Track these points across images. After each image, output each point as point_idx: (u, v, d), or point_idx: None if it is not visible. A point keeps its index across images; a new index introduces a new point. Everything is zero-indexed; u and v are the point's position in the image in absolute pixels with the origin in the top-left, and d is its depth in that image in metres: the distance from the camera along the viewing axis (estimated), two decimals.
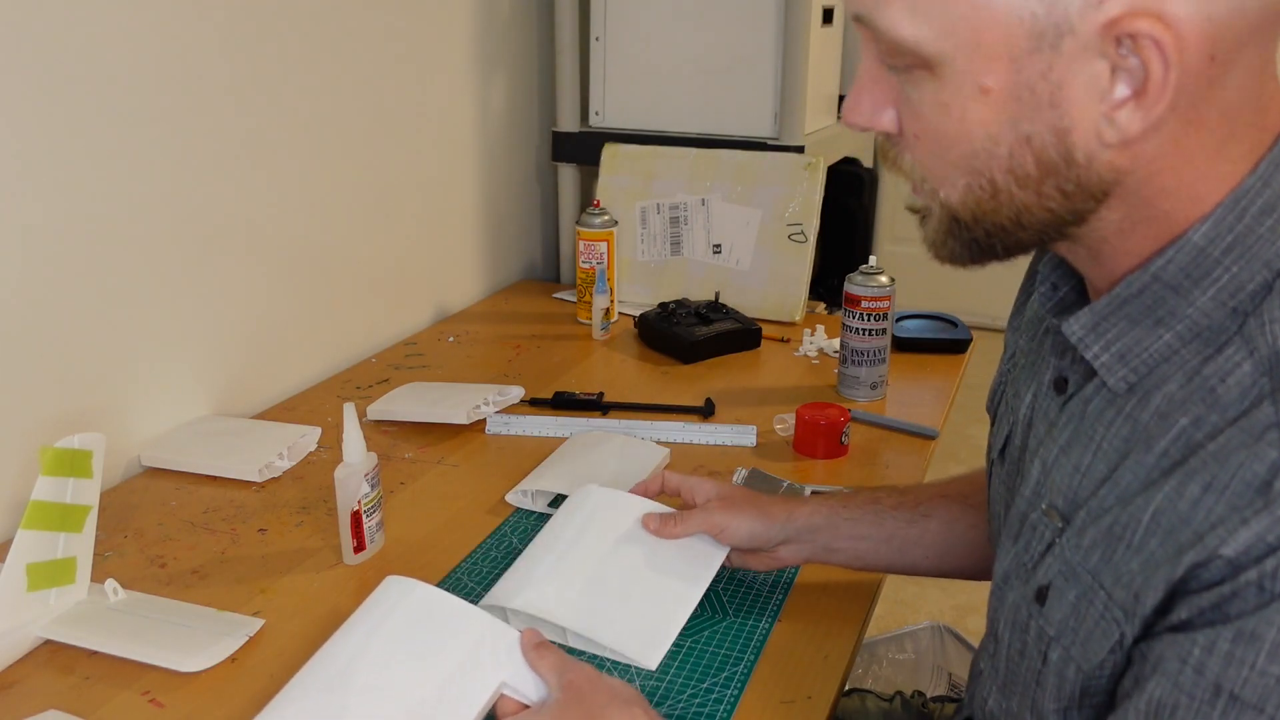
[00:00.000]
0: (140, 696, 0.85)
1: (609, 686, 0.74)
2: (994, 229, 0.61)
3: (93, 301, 1.19)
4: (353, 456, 1.01)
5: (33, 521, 0.90)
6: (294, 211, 1.47)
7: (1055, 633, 0.62)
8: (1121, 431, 0.60)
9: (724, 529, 0.94)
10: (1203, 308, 0.57)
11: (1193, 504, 0.54)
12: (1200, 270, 0.57)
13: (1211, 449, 0.54)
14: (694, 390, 1.46)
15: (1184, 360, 0.58)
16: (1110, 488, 0.60)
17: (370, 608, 0.82)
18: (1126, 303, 0.60)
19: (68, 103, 1.12)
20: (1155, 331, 0.58)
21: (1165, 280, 0.58)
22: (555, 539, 0.99)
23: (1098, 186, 0.57)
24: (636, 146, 1.85)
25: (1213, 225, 0.56)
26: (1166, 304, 0.58)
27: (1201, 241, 0.56)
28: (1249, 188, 0.56)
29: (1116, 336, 0.60)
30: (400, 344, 1.68)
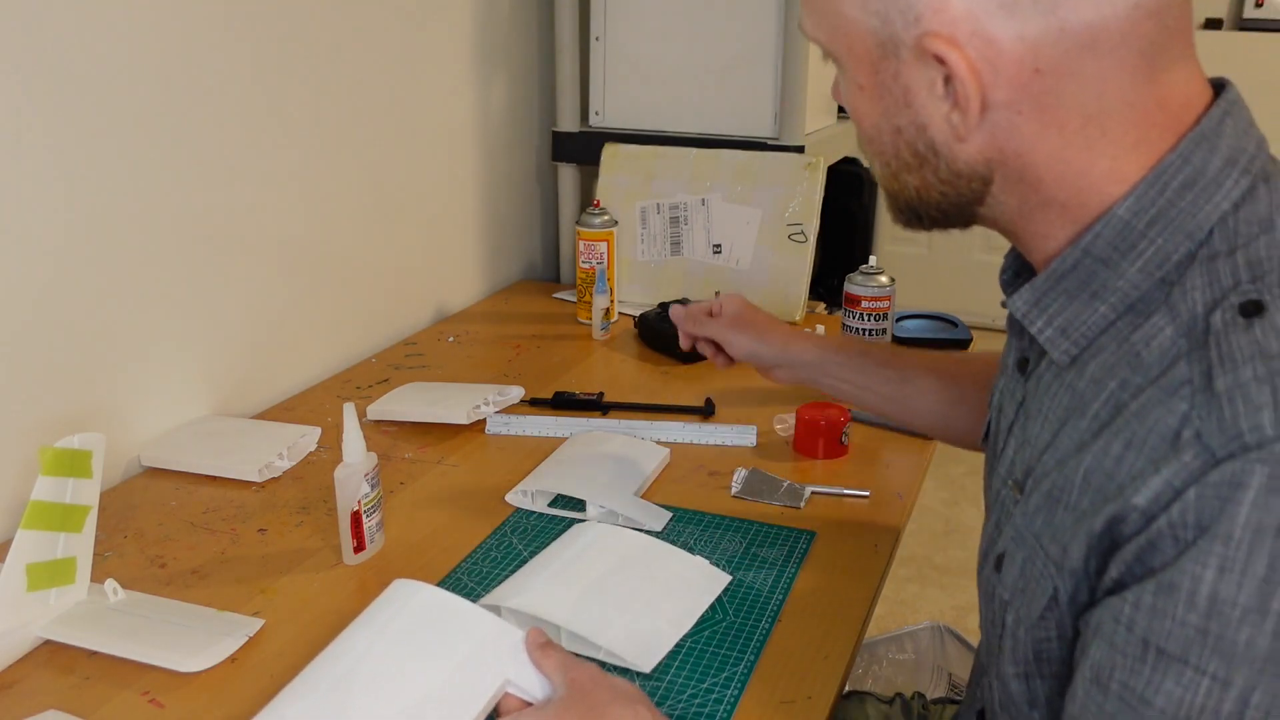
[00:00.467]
0: (140, 696, 0.85)
1: (612, 684, 0.75)
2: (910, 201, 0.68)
3: (93, 301, 1.19)
4: (353, 456, 1.01)
5: (33, 521, 0.90)
6: (294, 212, 1.47)
7: (1009, 596, 0.65)
8: (1063, 400, 0.64)
9: (727, 343, 1.14)
10: (1132, 279, 0.60)
11: (1116, 460, 0.57)
12: (1126, 243, 0.60)
13: (1134, 407, 0.57)
14: (694, 390, 1.46)
15: (1118, 331, 0.61)
16: (1051, 453, 0.63)
17: (377, 608, 0.83)
18: (1063, 278, 0.63)
19: (67, 103, 1.12)
20: (1092, 305, 0.62)
21: (1095, 254, 0.61)
22: (555, 557, 1.00)
23: (972, 173, 0.63)
24: (636, 146, 1.85)
25: (1136, 200, 0.59)
26: (1099, 277, 0.61)
27: (1126, 215, 0.60)
28: (1169, 164, 0.59)
29: (1058, 311, 0.64)
30: (400, 344, 1.68)
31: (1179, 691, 0.53)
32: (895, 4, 0.59)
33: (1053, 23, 0.56)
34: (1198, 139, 0.59)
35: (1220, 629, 0.51)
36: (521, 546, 1.07)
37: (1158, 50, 0.58)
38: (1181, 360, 0.55)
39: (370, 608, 0.83)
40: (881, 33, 0.60)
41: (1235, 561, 0.51)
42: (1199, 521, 0.52)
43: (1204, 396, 0.53)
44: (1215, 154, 0.59)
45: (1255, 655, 0.51)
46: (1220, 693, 0.52)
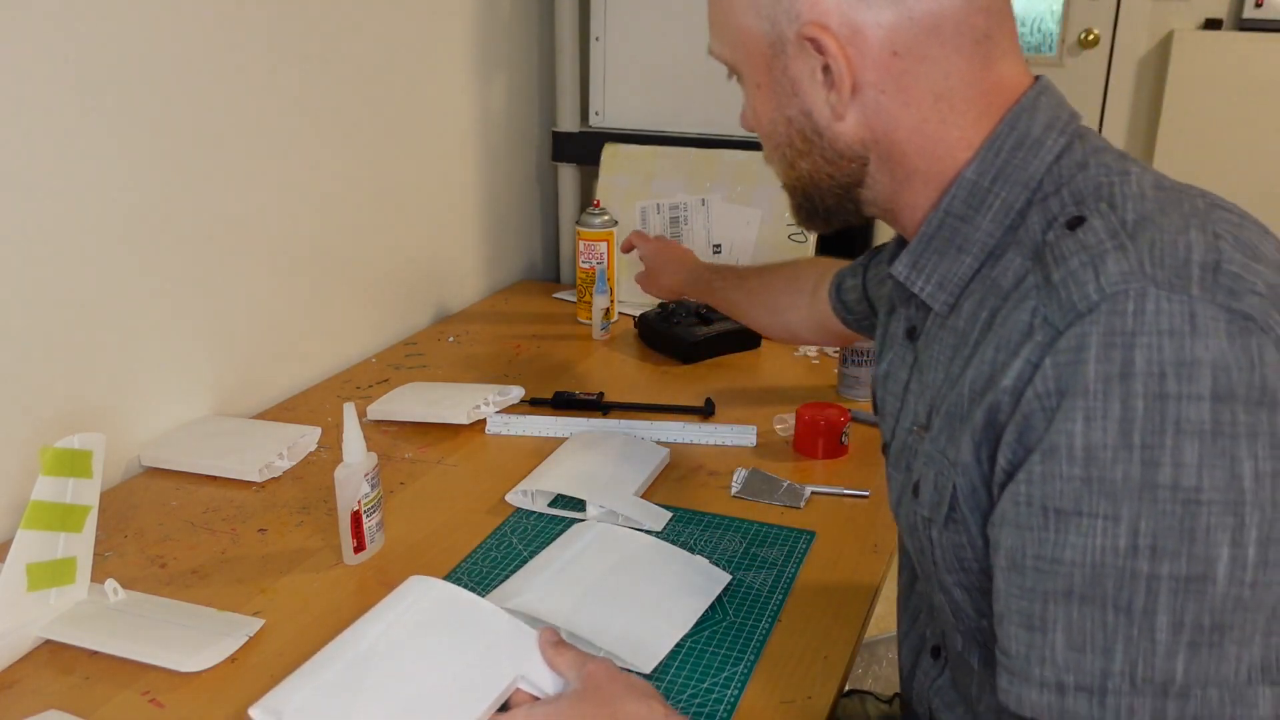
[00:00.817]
0: (140, 696, 0.85)
1: (626, 679, 0.78)
2: (809, 194, 0.78)
3: (93, 301, 1.19)
4: (353, 456, 1.01)
5: (33, 521, 0.90)
6: (294, 212, 1.47)
7: (928, 513, 0.72)
8: (948, 341, 0.73)
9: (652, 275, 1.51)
10: (987, 229, 0.70)
11: (989, 362, 0.66)
12: (977, 199, 0.71)
13: (999, 320, 0.67)
14: (694, 390, 1.46)
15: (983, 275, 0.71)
16: (947, 384, 0.72)
17: (393, 600, 0.85)
18: (932, 239, 0.73)
19: (68, 103, 1.12)
20: (959, 258, 0.72)
21: (954, 213, 0.72)
22: (555, 557, 1.00)
23: (851, 152, 0.73)
24: (636, 146, 1.85)
25: (979, 163, 0.70)
26: (961, 232, 0.72)
27: (973, 176, 0.70)
28: (1001, 132, 0.70)
29: (933, 268, 0.73)
30: (400, 344, 1.68)
31: (1081, 540, 0.59)
32: (779, 6, 0.70)
33: (902, 11, 0.68)
34: (1020, 110, 0.71)
35: (1100, 472, 0.58)
36: (521, 546, 1.07)
37: (990, 41, 0.70)
38: (1029, 274, 0.66)
39: (386, 600, 0.85)
40: (771, 34, 0.72)
41: (1096, 410, 0.58)
42: (1059, 387, 0.60)
43: (1045, 290, 0.63)
44: (1036, 120, 0.70)
45: (1132, 486, 0.57)
46: (1114, 529, 0.58)
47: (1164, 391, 0.57)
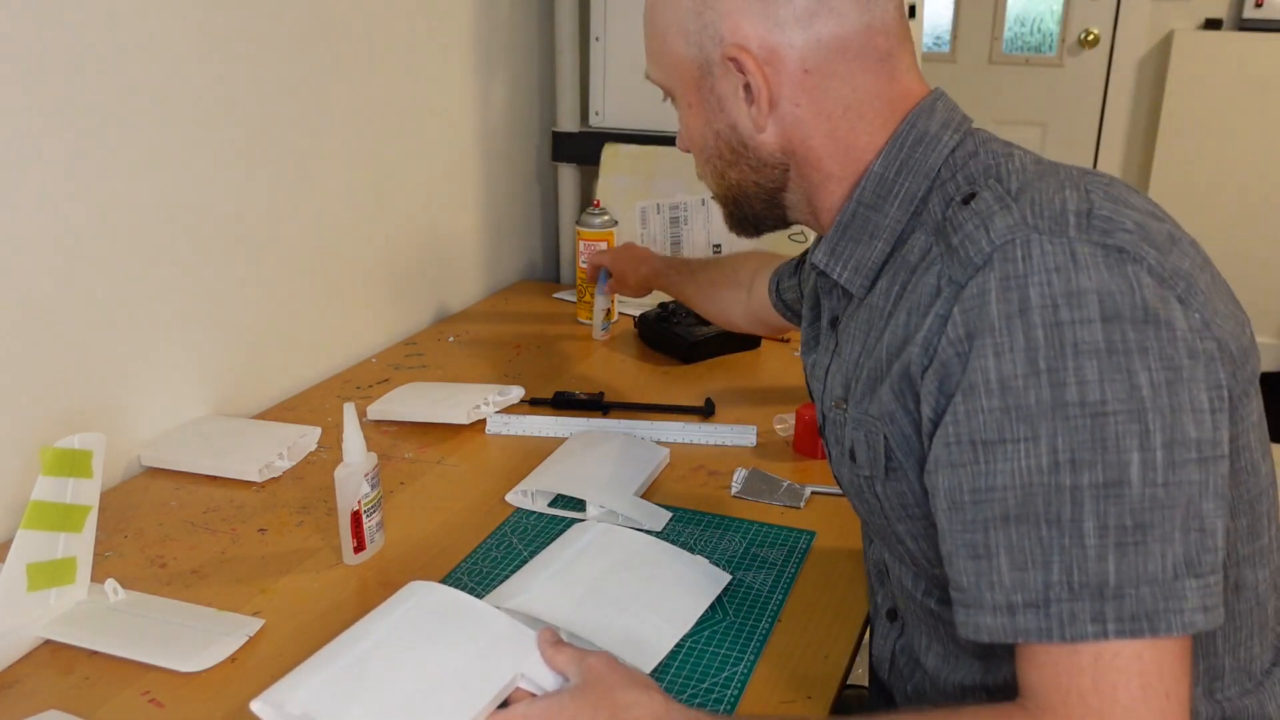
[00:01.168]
0: (140, 696, 0.85)
1: (626, 672, 0.79)
2: (739, 201, 0.86)
3: (93, 302, 1.19)
4: (353, 456, 1.01)
5: (33, 521, 0.90)
6: (294, 211, 1.47)
7: (868, 471, 0.79)
8: (863, 317, 0.81)
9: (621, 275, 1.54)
10: (894, 216, 0.78)
11: (903, 325, 0.73)
12: (884, 189, 0.79)
13: (909, 290, 0.75)
14: (694, 390, 1.46)
15: (894, 259, 0.78)
16: (865, 355, 0.80)
17: (394, 603, 0.86)
18: (847, 228, 0.81)
19: (67, 104, 1.12)
20: (871, 244, 0.80)
21: (865, 203, 0.79)
22: (555, 557, 1.00)
23: (773, 159, 0.81)
24: (636, 146, 1.85)
25: (884, 158, 0.79)
26: (871, 220, 0.79)
27: (880, 169, 0.79)
28: (902, 131, 0.79)
29: (849, 255, 0.81)
30: (400, 344, 1.68)
31: (1008, 465, 0.64)
32: (705, 32, 0.79)
33: (810, 35, 0.76)
34: (918, 113, 0.79)
35: (1015, 400, 0.64)
36: (521, 546, 1.07)
37: (892, 59, 0.79)
38: (932, 248, 0.74)
39: (386, 603, 0.85)
40: (699, 57, 0.80)
41: (1003, 345, 0.64)
42: (967, 331, 0.66)
43: (947, 255, 0.71)
44: (933, 120, 0.79)
45: (1044, 408, 0.63)
46: (1035, 450, 0.63)
47: (1059, 320, 0.63)
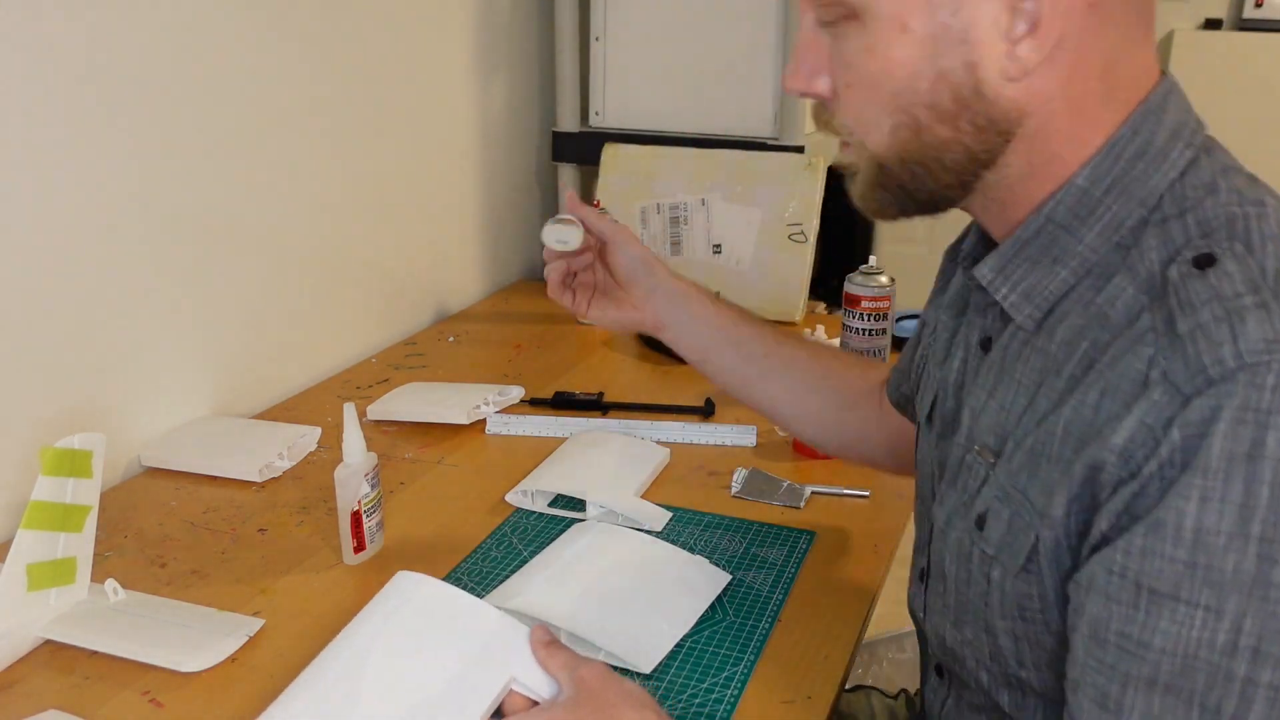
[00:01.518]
0: (140, 696, 0.85)
1: (621, 686, 0.73)
2: (919, 170, 0.67)
3: (93, 301, 1.19)
4: (353, 456, 1.01)
5: (33, 521, 0.90)
6: (294, 211, 1.47)
7: (994, 551, 0.67)
8: (1035, 364, 0.66)
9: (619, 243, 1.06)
10: (1090, 244, 0.64)
11: (1093, 408, 0.60)
12: (1085, 209, 0.64)
13: (1105, 360, 0.60)
14: (694, 390, 1.46)
15: (1081, 295, 0.64)
16: (1031, 414, 0.66)
17: (380, 602, 0.83)
18: (1026, 244, 0.67)
19: (67, 102, 1.12)
20: (1053, 270, 0.65)
21: (1057, 221, 0.65)
22: (555, 558, 1.00)
23: (1004, 122, 0.64)
24: (636, 146, 1.85)
25: (1092, 169, 0.64)
26: (1060, 243, 0.65)
27: (1084, 184, 0.64)
28: (1122, 136, 0.63)
29: (1021, 277, 0.67)
30: (400, 344, 1.68)
31: (1175, 629, 0.54)
32: None
33: None
34: (1145, 113, 0.64)
35: (1207, 559, 0.53)
36: (521, 546, 1.07)
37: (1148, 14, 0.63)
38: (1144, 312, 0.59)
39: (373, 601, 0.83)
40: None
41: (1214, 491, 0.53)
42: (1180, 459, 0.54)
43: (1167, 340, 0.57)
44: (1161, 127, 0.63)
45: (1242, 580, 0.52)
46: (1214, 624, 0.53)
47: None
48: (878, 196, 0.69)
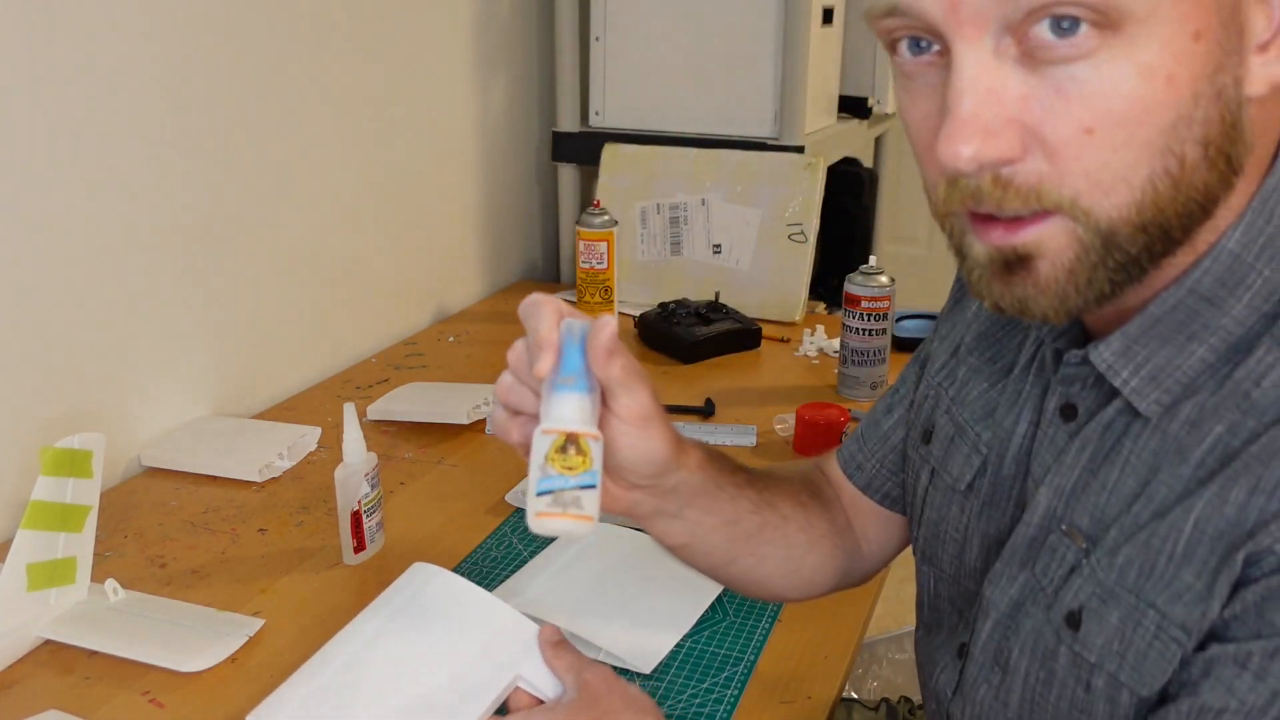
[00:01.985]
0: (140, 696, 0.85)
1: (625, 691, 0.70)
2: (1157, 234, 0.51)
3: (93, 301, 1.19)
4: (353, 456, 1.01)
5: (33, 521, 0.90)
6: (294, 211, 1.47)
7: (1097, 658, 0.58)
8: (1150, 445, 0.56)
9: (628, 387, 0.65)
10: (1238, 316, 0.53)
11: (1239, 507, 0.51)
12: (1235, 278, 0.53)
13: (1254, 451, 0.51)
14: (694, 390, 1.46)
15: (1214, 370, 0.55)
16: (1144, 503, 0.56)
17: (395, 591, 0.83)
18: (1159, 321, 0.55)
19: (67, 103, 1.12)
20: (1188, 348, 0.55)
21: (1200, 293, 0.54)
22: (555, 558, 1.00)
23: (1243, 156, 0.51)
24: (636, 146, 1.85)
25: (1245, 230, 0.53)
26: (1200, 317, 0.54)
27: (1236, 248, 0.53)
28: (1273, 188, 0.53)
29: (1147, 358, 0.56)
30: (400, 344, 1.68)
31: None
32: None
33: None
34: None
35: None
36: (521, 546, 1.07)
37: None
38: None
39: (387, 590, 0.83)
40: None
41: None
42: None
43: None
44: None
45: None
46: None
47: None
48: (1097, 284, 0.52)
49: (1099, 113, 0.48)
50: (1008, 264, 0.53)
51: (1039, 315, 0.54)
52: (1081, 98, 0.48)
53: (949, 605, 0.75)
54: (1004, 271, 0.53)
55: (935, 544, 0.75)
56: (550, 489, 0.59)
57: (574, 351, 0.61)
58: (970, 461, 0.70)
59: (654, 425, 0.67)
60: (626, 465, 0.67)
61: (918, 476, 0.78)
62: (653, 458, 0.67)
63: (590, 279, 1.71)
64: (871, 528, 0.85)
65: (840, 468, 0.85)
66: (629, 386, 0.64)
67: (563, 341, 0.62)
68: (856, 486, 0.84)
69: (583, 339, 0.62)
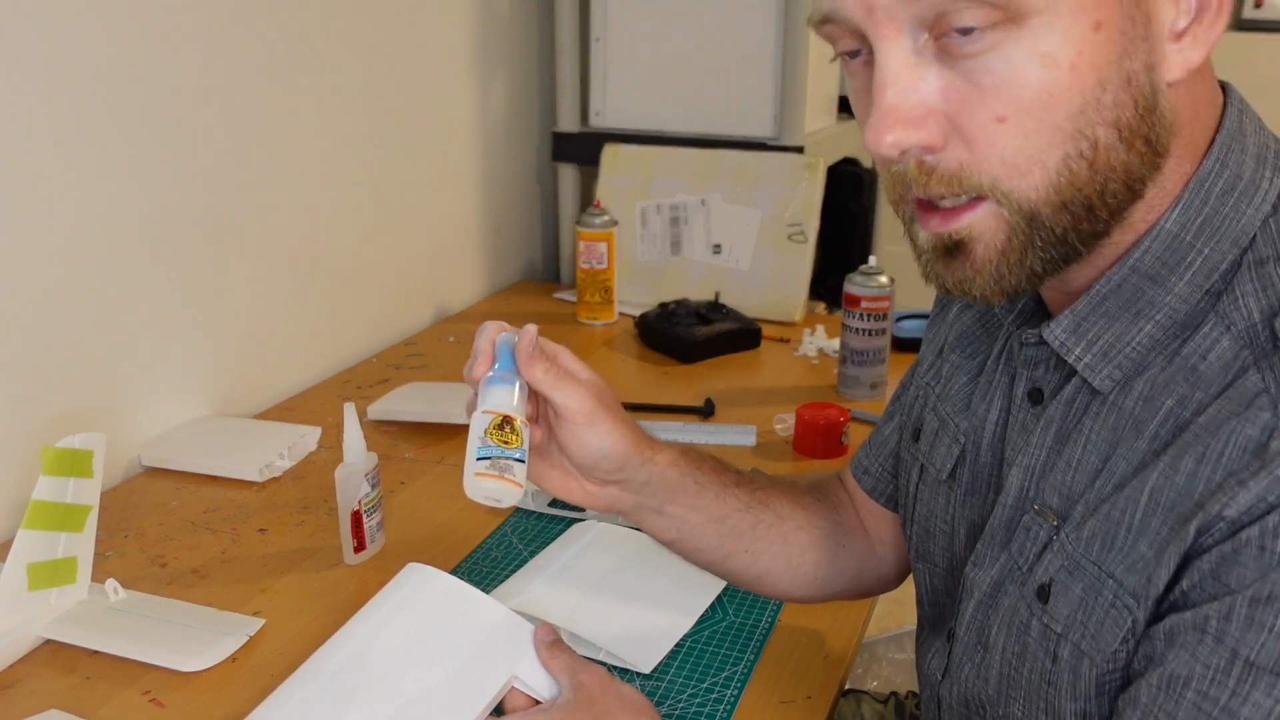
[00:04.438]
0: (140, 696, 0.85)
1: (620, 692, 0.71)
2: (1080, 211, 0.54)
3: (93, 301, 1.19)
4: (353, 456, 1.01)
5: (33, 521, 0.90)
6: (294, 211, 1.47)
7: (1063, 628, 0.60)
8: (1108, 422, 0.59)
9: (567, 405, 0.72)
10: (1180, 294, 0.56)
11: (1189, 476, 0.53)
12: (1175, 256, 0.56)
13: (1201, 422, 0.54)
14: (694, 390, 1.46)
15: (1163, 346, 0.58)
16: (1106, 478, 0.59)
17: (389, 592, 0.82)
18: (1105, 299, 0.59)
19: (68, 103, 1.12)
20: (1135, 324, 0.58)
21: (1143, 271, 0.57)
22: (555, 558, 1.00)
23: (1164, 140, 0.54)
24: (636, 146, 1.85)
25: (1182, 211, 0.56)
26: (1145, 295, 0.57)
27: (1174, 228, 0.56)
28: (1209, 170, 0.56)
29: (1098, 335, 0.59)
30: (400, 344, 1.68)
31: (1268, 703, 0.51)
32: None
33: None
34: (1227, 140, 0.57)
35: None
36: (521, 546, 1.07)
37: None
38: (1250, 370, 0.53)
39: (382, 591, 0.83)
40: None
41: None
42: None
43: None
44: (1246, 155, 0.57)
45: None
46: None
47: None
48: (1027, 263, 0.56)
49: (1009, 101, 0.52)
50: (947, 249, 0.57)
51: (979, 295, 0.57)
52: (993, 88, 0.52)
53: (945, 599, 0.76)
54: (945, 256, 0.58)
55: (927, 539, 0.77)
56: (488, 455, 0.70)
57: (507, 356, 0.73)
58: (951, 451, 0.73)
59: (600, 421, 0.72)
60: (579, 459, 0.74)
61: (909, 475, 0.80)
62: (606, 452, 0.73)
63: (590, 279, 1.71)
64: (884, 530, 0.87)
65: (852, 473, 0.89)
66: (558, 387, 0.72)
67: (498, 349, 0.73)
68: (865, 490, 0.87)
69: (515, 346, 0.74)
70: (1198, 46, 0.53)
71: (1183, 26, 0.52)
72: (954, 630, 0.71)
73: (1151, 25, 0.52)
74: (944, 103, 0.53)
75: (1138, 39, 0.52)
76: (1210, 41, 0.53)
